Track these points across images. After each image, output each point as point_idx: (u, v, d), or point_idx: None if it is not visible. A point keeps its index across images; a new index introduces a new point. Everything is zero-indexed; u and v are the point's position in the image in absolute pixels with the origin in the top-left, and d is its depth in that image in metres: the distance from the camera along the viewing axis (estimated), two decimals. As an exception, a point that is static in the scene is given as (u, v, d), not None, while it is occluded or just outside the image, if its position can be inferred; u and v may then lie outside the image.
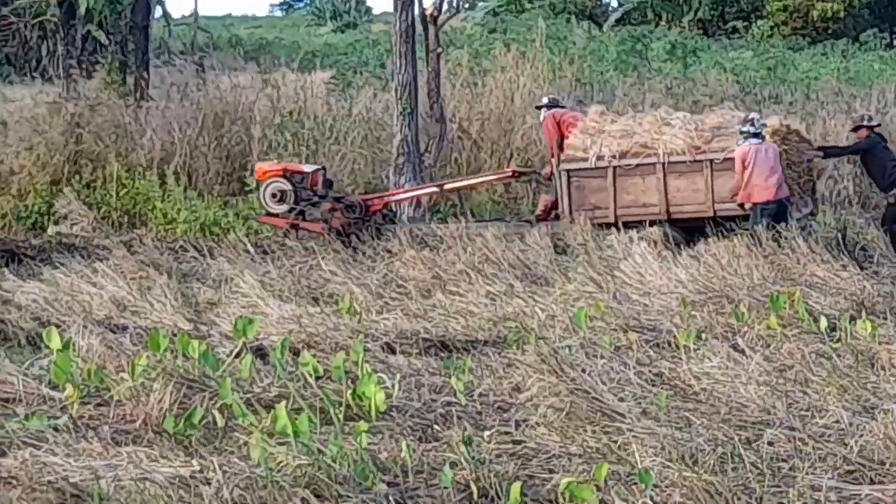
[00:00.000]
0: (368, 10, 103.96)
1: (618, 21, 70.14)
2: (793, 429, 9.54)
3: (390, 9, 23.78)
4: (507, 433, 9.85)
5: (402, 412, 10.53)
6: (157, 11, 54.04)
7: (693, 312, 13.98)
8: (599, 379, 10.75)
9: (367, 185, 24.20)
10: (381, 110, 27.13)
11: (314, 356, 12.06)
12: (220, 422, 10.04)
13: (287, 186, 21.10)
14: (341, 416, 10.28)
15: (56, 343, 12.17)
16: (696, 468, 8.47)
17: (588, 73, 33.41)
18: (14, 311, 15.27)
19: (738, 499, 8.02)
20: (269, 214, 21.48)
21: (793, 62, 43.09)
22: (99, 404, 10.74)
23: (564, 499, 8.09)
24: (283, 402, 10.12)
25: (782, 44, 53.55)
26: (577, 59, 33.93)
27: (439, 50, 24.23)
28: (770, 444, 9.20)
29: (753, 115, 20.35)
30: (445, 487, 8.40)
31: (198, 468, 8.78)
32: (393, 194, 22.44)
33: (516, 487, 8.13)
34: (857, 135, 20.32)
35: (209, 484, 8.43)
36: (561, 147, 20.51)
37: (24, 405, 10.77)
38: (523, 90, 26.99)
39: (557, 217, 20.41)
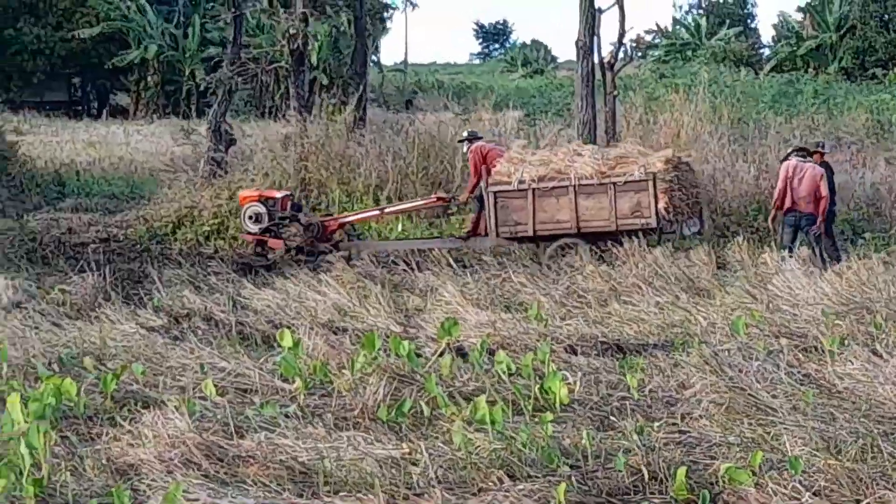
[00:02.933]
0: (554, 58, 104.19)
1: (772, 68, 69.91)
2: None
3: (573, 57, 23.70)
4: (673, 424, 9.80)
5: (582, 405, 10.52)
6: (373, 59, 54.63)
7: (837, 321, 13.73)
8: (754, 378, 10.65)
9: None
10: (567, 142, 27.06)
11: (507, 356, 12.09)
12: (426, 411, 10.10)
13: (262, 210, 21.72)
14: (530, 408, 10.30)
15: (287, 342, 12.36)
16: (839, 457, 8.38)
17: (745, 113, 33.05)
18: (251, 315, 15.50)
19: (877, 484, 7.89)
20: (248, 233, 22.05)
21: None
22: (323, 395, 10.88)
23: (724, 482, 8.04)
24: (481, 395, 10.19)
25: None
26: (736, 101, 33.62)
27: (615, 92, 24.21)
28: (906, 436, 9.09)
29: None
30: (619, 471, 8.38)
31: (407, 451, 8.87)
32: (345, 216, 22.99)
33: (682, 472, 8.10)
34: (813, 158, 19.98)
35: (416, 464, 8.52)
36: (488, 174, 20.87)
37: (260, 395, 10.95)
38: (688, 127, 26.82)
39: (486, 233, 20.89)
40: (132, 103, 73.52)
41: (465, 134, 23.75)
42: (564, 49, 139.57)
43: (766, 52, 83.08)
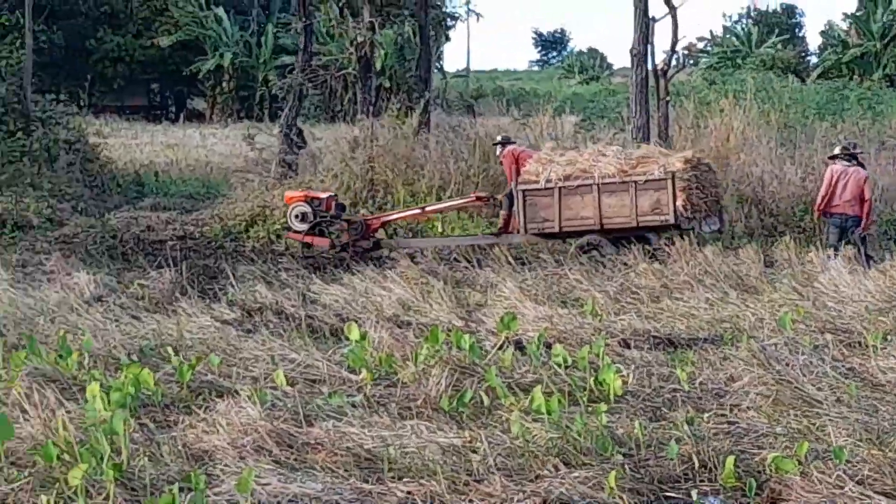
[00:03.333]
0: (609, 65, 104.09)
1: (819, 76, 69.93)
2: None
3: (628, 64, 23.66)
4: (722, 415, 9.80)
5: (635, 396, 10.53)
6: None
7: (880, 318, 13.67)
8: (800, 371, 10.61)
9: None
10: (621, 146, 27.04)
11: (563, 349, 12.11)
12: (486, 401, 10.14)
13: (308, 209, 21.90)
14: (585, 399, 10.32)
15: (354, 335, 12.43)
16: (882, 447, 8.35)
17: (792, 118, 32.92)
18: (320, 310, 15.57)
19: (920, 474, 7.88)
20: (294, 231, 22.22)
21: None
22: (387, 385, 10.92)
23: (771, 471, 8.03)
24: (538, 386, 10.23)
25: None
26: (784, 107, 33.49)
27: (668, 98, 24.15)
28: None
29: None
30: (670, 459, 8.40)
31: (468, 439, 8.92)
32: (387, 215, 23.07)
33: (730, 460, 8.11)
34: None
35: (476, 452, 8.56)
36: (518, 174, 21.02)
37: (328, 385, 11.00)
38: (737, 132, 26.67)
39: (516, 230, 21.08)
40: (208, 108, 73.96)
41: (498, 138, 24.07)
42: (619, 56, 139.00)
43: (813, 59, 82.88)
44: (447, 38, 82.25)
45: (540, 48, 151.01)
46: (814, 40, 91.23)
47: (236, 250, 22.50)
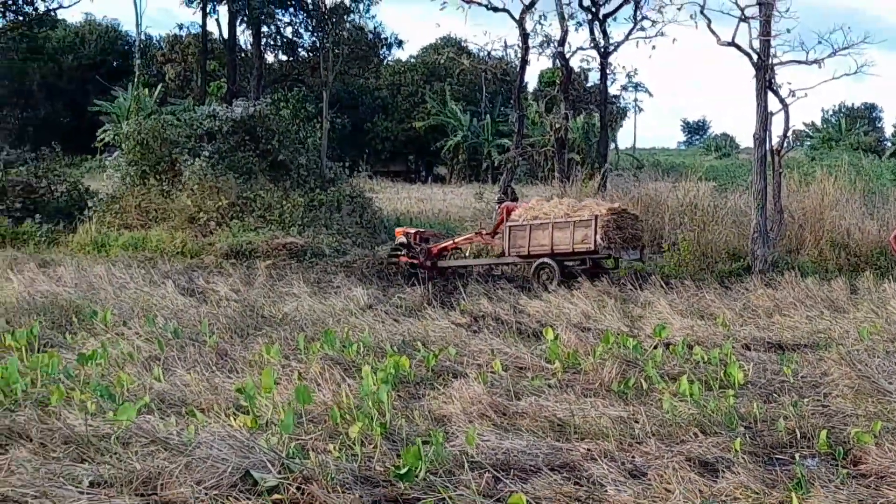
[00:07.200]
0: (737, 145, 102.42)
1: (891, 154, 69.42)
2: None
3: (751, 145, 23.22)
4: (818, 401, 9.55)
5: (753, 385, 10.33)
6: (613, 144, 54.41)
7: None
8: (876, 370, 10.29)
9: (732, 252, 23.75)
10: (745, 205, 26.49)
11: (701, 350, 11.95)
12: (645, 386, 10.08)
13: (404, 240, 22.96)
14: (717, 386, 10.17)
15: (550, 336, 12.48)
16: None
17: (871, 186, 32.10)
18: (526, 317, 15.63)
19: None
20: (393, 251, 23.30)
21: None
22: (574, 373, 10.91)
23: (853, 442, 7.82)
24: (683, 376, 10.13)
25: None
26: (865, 177, 32.69)
27: (780, 170, 23.60)
28: None
29: None
30: (780, 431, 8.24)
31: (631, 412, 8.88)
32: (438, 245, 23.06)
33: (823, 433, 7.93)
34: None
35: (637, 422, 8.52)
36: (507, 219, 21.67)
37: (531, 371, 11.05)
38: (828, 195, 26.15)
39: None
40: (448, 173, 74.76)
41: (495, 198, 26.56)
42: (745, 138, 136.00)
43: (888, 143, 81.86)
44: (620, 125, 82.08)
45: (686, 132, 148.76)
46: (889, 128, 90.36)
47: (468, 274, 22.73)
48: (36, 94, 69.76)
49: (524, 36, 33.10)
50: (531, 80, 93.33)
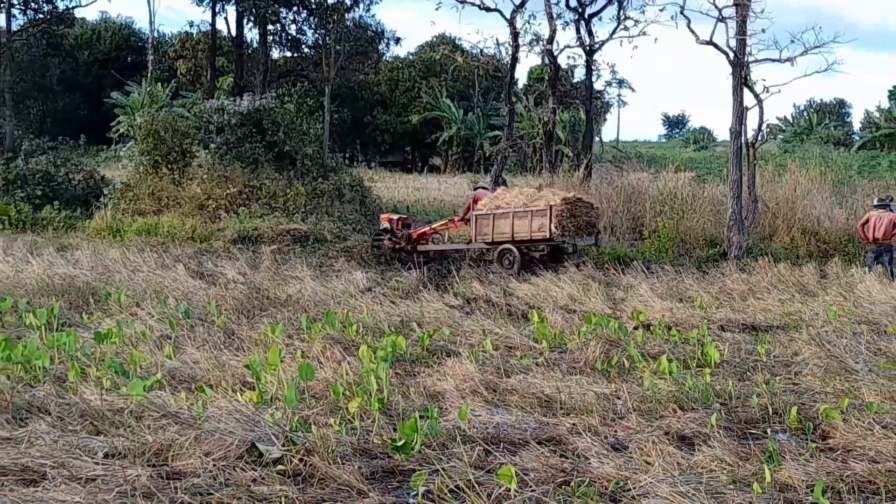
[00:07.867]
0: (714, 138, 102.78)
1: (859, 147, 70.59)
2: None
3: (728, 138, 23.23)
4: (789, 379, 9.55)
5: (728, 364, 10.35)
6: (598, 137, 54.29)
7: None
8: (844, 350, 10.32)
9: (709, 238, 23.82)
10: (721, 195, 26.52)
11: (679, 331, 11.98)
12: (626, 364, 10.09)
13: (388, 225, 23.11)
14: (694, 365, 10.18)
15: (536, 318, 12.48)
16: (904, 405, 8.09)
17: (840, 177, 32.29)
18: (515, 300, 15.62)
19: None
20: (377, 236, 23.38)
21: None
22: (560, 352, 10.89)
23: (822, 418, 7.82)
24: (662, 356, 10.13)
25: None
26: (835, 169, 32.83)
27: (755, 162, 23.65)
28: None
29: (888, 196, 21.23)
30: (753, 407, 8.24)
31: (613, 389, 8.88)
32: (417, 230, 23.18)
33: (794, 410, 7.92)
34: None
35: (619, 398, 8.53)
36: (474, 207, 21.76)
37: (520, 350, 11.05)
38: (800, 185, 26.27)
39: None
40: (443, 164, 74.74)
41: (473, 186, 26.66)
42: (722, 132, 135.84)
43: (856, 137, 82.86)
44: (605, 119, 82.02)
45: (666, 125, 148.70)
46: (857, 123, 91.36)
47: (460, 259, 22.71)
48: (55, 87, 69.55)
49: (515, 34, 33.01)
50: (521, 76, 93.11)
